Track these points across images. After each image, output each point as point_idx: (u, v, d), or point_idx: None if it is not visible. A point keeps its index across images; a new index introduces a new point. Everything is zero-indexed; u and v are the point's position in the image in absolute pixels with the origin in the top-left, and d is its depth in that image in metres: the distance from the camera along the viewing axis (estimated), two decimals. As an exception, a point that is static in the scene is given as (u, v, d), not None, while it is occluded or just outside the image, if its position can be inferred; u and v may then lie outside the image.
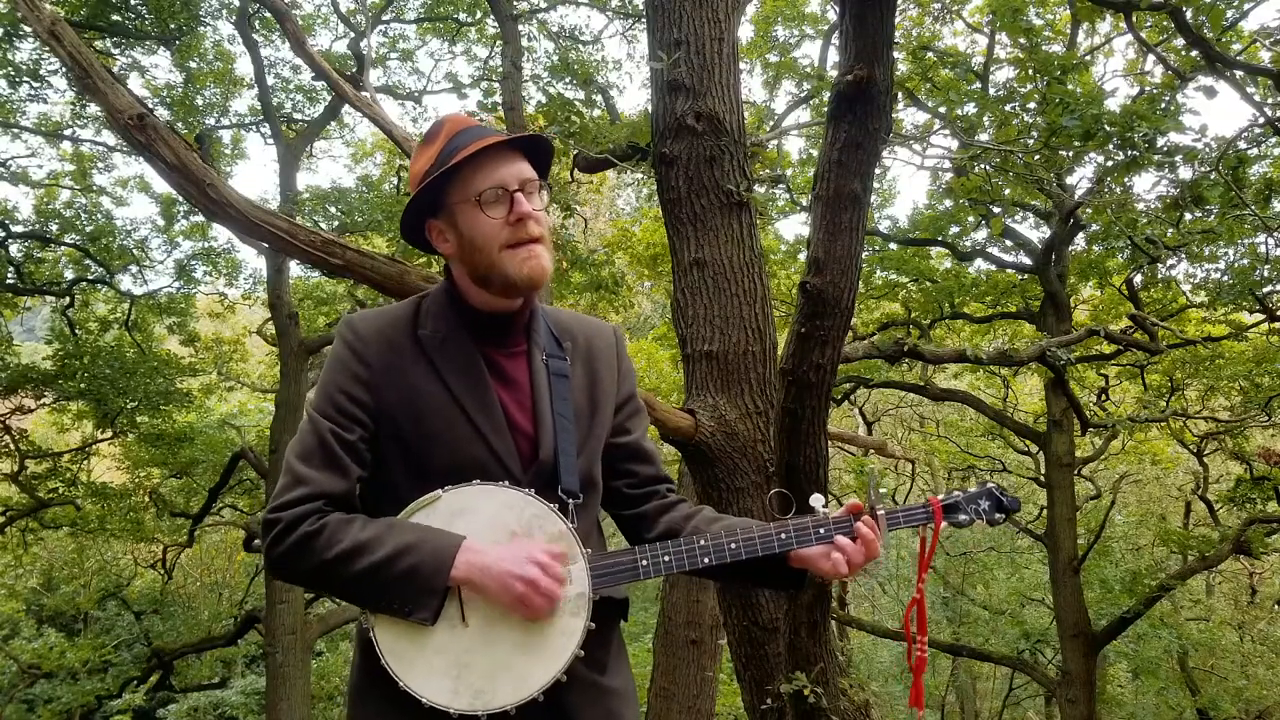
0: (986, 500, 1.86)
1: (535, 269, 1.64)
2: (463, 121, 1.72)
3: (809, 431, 3.12)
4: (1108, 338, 9.19)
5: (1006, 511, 1.86)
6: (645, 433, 1.90)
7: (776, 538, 1.69)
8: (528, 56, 10.66)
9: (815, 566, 1.71)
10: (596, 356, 1.82)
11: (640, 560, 1.65)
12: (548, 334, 1.78)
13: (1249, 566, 16.23)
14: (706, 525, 1.75)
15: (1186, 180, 5.55)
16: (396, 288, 3.29)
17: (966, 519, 1.84)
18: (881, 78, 2.63)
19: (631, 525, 1.84)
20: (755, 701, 3.72)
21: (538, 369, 1.72)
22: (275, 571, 1.58)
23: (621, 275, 10.86)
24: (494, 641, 1.56)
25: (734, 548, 1.67)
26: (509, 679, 1.54)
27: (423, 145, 1.74)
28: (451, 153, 1.65)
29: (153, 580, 17.57)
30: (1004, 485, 1.94)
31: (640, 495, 1.85)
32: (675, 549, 1.66)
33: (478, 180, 1.64)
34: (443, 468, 1.61)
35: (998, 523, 1.87)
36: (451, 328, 1.70)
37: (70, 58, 3.07)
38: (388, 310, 1.74)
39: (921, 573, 1.88)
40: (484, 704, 1.52)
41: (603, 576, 1.62)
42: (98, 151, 12.63)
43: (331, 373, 1.65)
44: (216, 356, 15.95)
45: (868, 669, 17.86)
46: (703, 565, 1.66)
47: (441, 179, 1.65)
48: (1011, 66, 8.35)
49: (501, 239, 1.63)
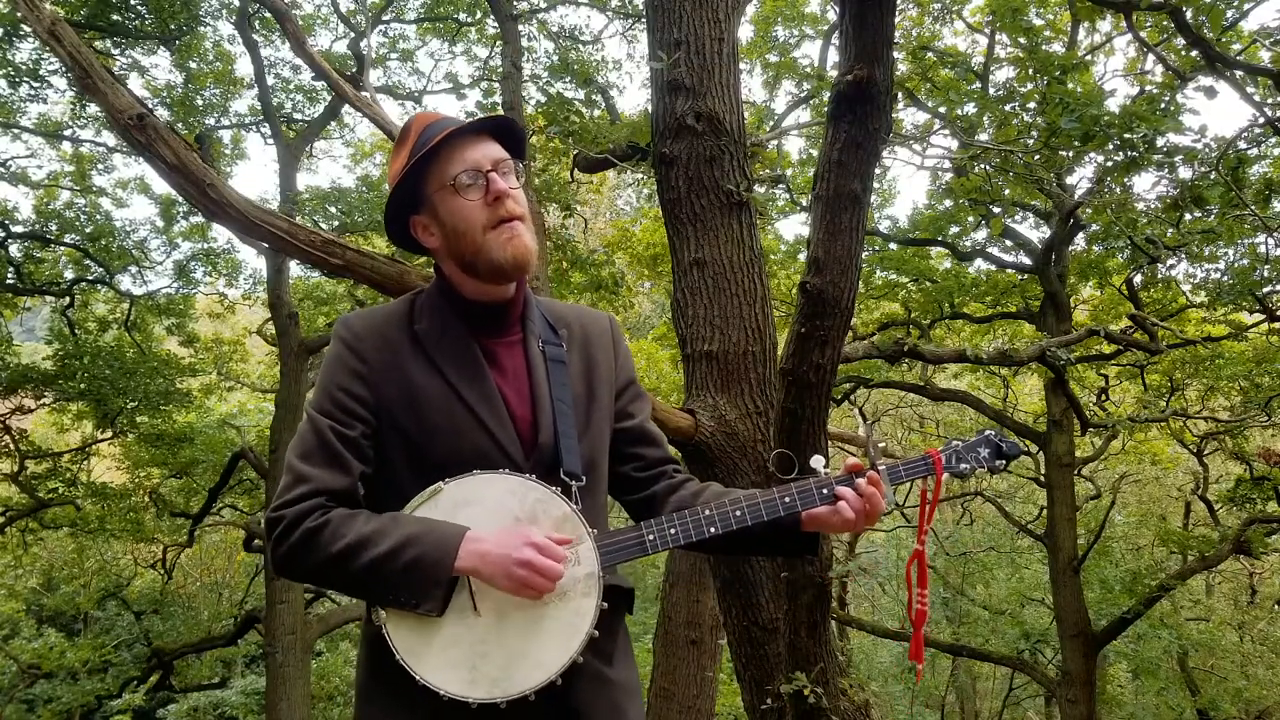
0: (986, 448, 1.85)
1: (519, 248, 1.66)
2: (429, 116, 1.75)
3: (809, 431, 3.12)
4: (1108, 338, 9.19)
5: (1007, 458, 1.85)
6: (648, 416, 1.91)
7: (780, 501, 1.69)
8: (528, 56, 10.66)
9: (824, 524, 1.71)
10: (593, 343, 1.83)
11: (647, 535, 1.65)
12: (543, 322, 1.79)
13: (1249, 566, 16.22)
14: (713, 498, 1.75)
15: (1186, 180, 5.55)
16: (396, 288, 3.29)
17: (968, 467, 1.83)
18: (881, 78, 2.64)
19: (642, 508, 1.84)
20: (755, 701, 3.71)
21: (534, 356, 1.73)
22: (281, 569, 1.58)
23: (621, 275, 10.86)
24: (507, 629, 1.56)
25: (739, 514, 1.67)
26: (525, 664, 1.54)
27: (396, 148, 1.77)
28: (423, 146, 1.67)
29: (153, 580, 17.56)
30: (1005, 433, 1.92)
31: (648, 478, 1.85)
32: (681, 521, 1.66)
33: (451, 166, 1.66)
34: (445, 459, 1.61)
35: (999, 469, 1.85)
36: (446, 321, 1.71)
37: (70, 58, 3.07)
38: (382, 308, 1.75)
39: (923, 525, 1.86)
40: (502, 691, 1.52)
41: (611, 554, 1.62)
42: (98, 152, 12.65)
43: (329, 371, 1.66)
44: (216, 357, 15.95)
45: (868, 669, 17.85)
46: (709, 535, 1.66)
47: (416, 172, 1.68)
48: (1011, 66, 8.34)
49: (482, 220, 1.65)
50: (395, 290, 3.29)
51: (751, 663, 3.77)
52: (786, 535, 1.75)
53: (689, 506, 1.74)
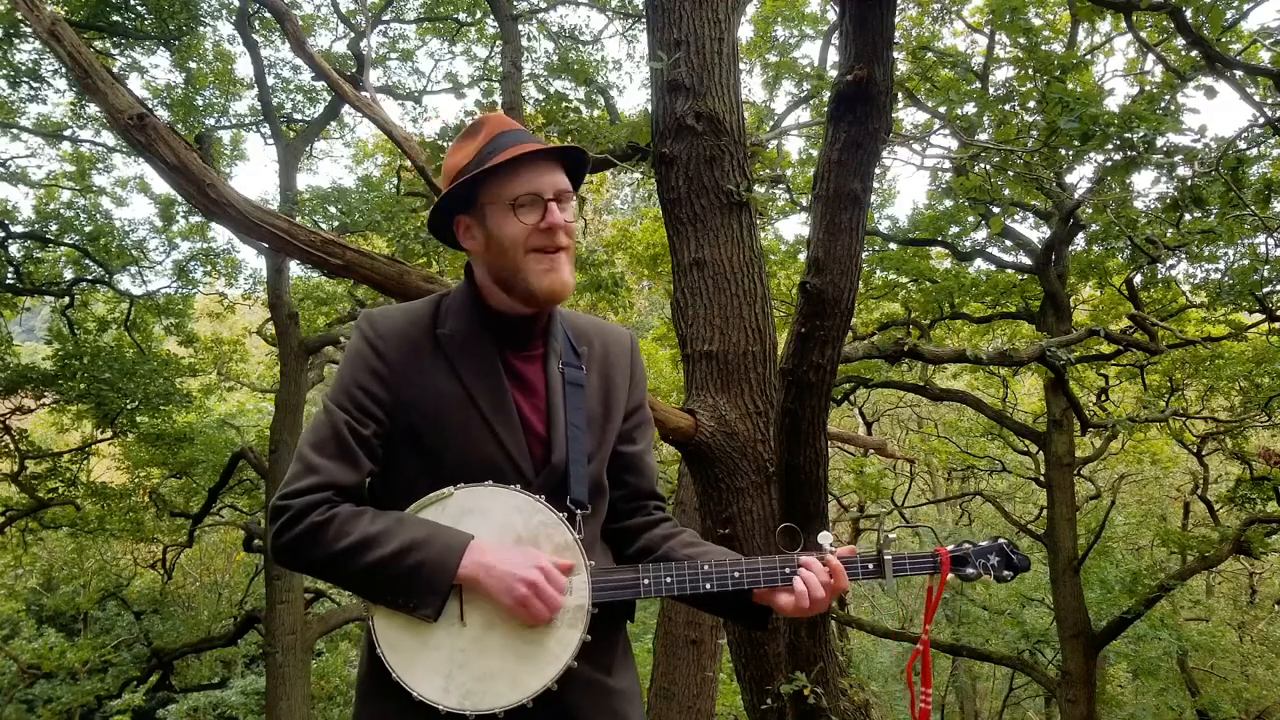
0: (996, 555, 1.84)
1: (556, 283, 1.66)
2: (505, 123, 1.74)
3: (809, 431, 3.12)
4: (1108, 338, 9.20)
5: (1015, 570, 1.84)
6: (649, 447, 1.91)
7: (780, 572, 1.69)
8: (527, 56, 10.66)
9: (776, 604, 1.71)
10: (612, 363, 1.83)
11: (642, 579, 1.66)
12: (565, 340, 1.78)
13: (1249, 566, 16.23)
14: (683, 548, 1.76)
15: (1186, 180, 5.55)
16: (396, 288, 3.29)
17: (974, 573, 1.82)
18: (881, 78, 2.63)
19: (615, 538, 1.85)
20: (755, 701, 3.71)
21: (553, 375, 1.73)
22: (280, 558, 1.58)
23: (621, 276, 10.86)
24: (489, 644, 1.56)
25: (737, 576, 1.68)
26: (501, 683, 1.55)
27: (461, 140, 1.75)
28: (491, 153, 1.66)
29: (152, 580, 17.57)
30: (1015, 543, 1.91)
31: (629, 510, 1.85)
32: (679, 572, 1.67)
33: (515, 184, 1.65)
34: (456, 466, 1.62)
35: (1006, 580, 1.85)
36: (471, 328, 1.70)
37: (70, 58, 3.07)
38: (408, 308, 1.75)
39: (927, 622, 1.87)
40: (473, 704, 1.53)
41: (604, 591, 1.63)
42: (97, 152, 12.64)
43: (350, 367, 1.66)
44: (216, 357, 15.95)
45: (868, 669, 17.84)
46: (704, 591, 1.67)
47: (479, 177, 1.66)
48: (1011, 66, 8.34)
49: (529, 243, 1.64)
50: (395, 290, 3.29)
51: (751, 663, 3.77)
52: (746, 604, 1.76)
53: (655, 548, 1.76)
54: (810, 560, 1.70)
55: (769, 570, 1.69)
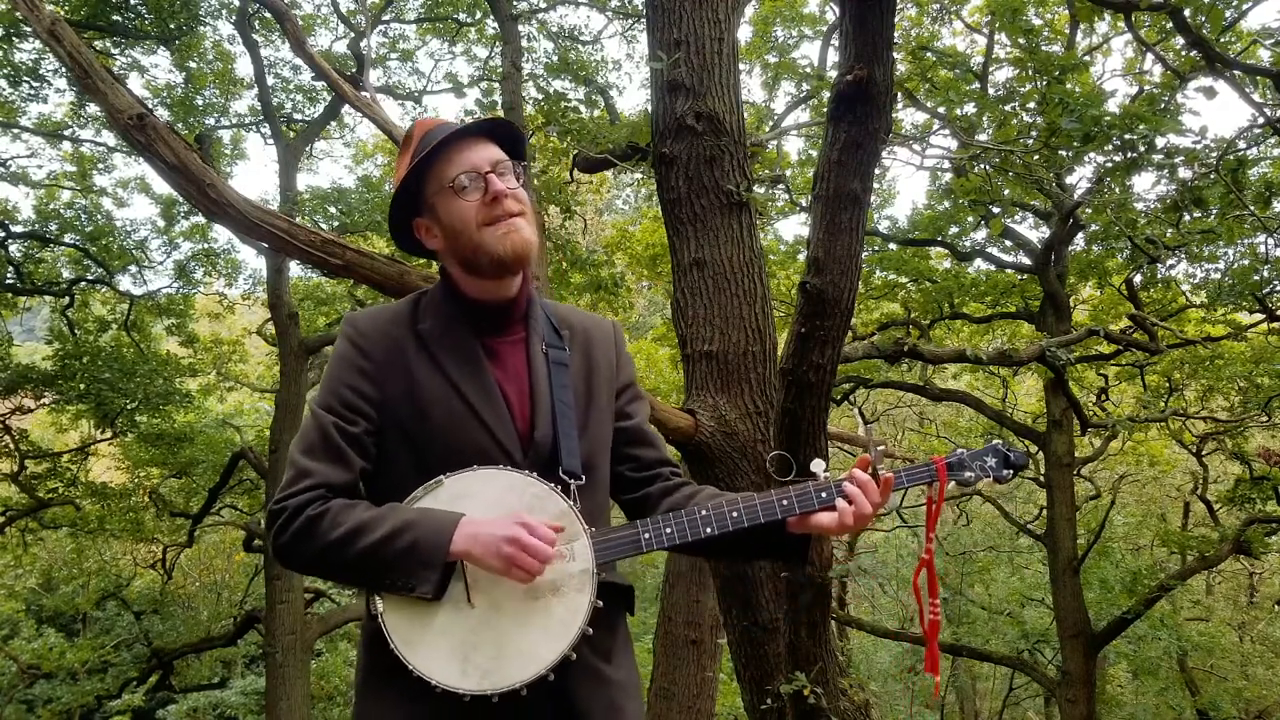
0: (993, 457, 1.81)
1: (517, 241, 1.68)
2: (430, 122, 1.79)
3: (809, 431, 3.12)
4: (1107, 338, 9.19)
5: (1014, 468, 1.81)
6: (646, 417, 1.92)
7: (779, 504, 1.68)
8: (527, 56, 10.66)
9: (819, 526, 1.69)
10: (594, 344, 1.85)
11: (642, 533, 1.66)
12: (546, 324, 1.81)
13: (1249, 566, 16.23)
14: (708, 500, 1.76)
15: (1186, 181, 5.55)
16: (396, 288, 3.29)
17: (973, 476, 1.79)
18: (881, 78, 2.64)
19: (635, 509, 1.86)
20: (755, 701, 3.72)
21: (536, 356, 1.75)
22: (281, 558, 1.60)
23: (621, 276, 10.86)
24: (500, 621, 1.56)
25: (736, 515, 1.67)
26: (517, 657, 1.54)
27: (400, 154, 1.82)
28: (422, 150, 1.71)
29: (152, 580, 17.56)
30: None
31: (643, 479, 1.86)
32: (677, 520, 1.67)
33: (450, 169, 1.70)
34: (444, 455, 1.63)
35: (1006, 479, 1.82)
36: (449, 320, 1.73)
37: (70, 58, 3.07)
38: (388, 307, 1.78)
39: (929, 533, 1.85)
40: (493, 683, 1.52)
41: (605, 551, 1.63)
42: (98, 152, 12.63)
43: (335, 368, 1.69)
44: (216, 357, 15.94)
45: (868, 669, 17.85)
46: (705, 535, 1.66)
47: (417, 176, 1.72)
48: (1011, 66, 8.34)
49: (479, 218, 1.68)
50: (395, 290, 3.29)
51: (751, 663, 3.77)
52: (777, 538, 1.75)
53: (683, 508, 1.74)
54: (855, 472, 1.69)
55: (803, 496, 1.68)
